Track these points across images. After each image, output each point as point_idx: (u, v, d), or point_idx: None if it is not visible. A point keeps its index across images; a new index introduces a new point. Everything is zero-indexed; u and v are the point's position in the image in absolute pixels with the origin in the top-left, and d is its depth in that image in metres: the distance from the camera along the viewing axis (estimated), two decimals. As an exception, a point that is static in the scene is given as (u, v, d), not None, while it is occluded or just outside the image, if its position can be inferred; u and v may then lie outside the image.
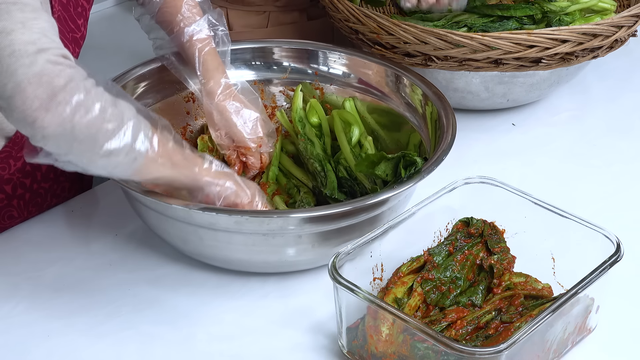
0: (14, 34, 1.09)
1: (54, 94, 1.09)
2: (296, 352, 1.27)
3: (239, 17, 1.90)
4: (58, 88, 1.09)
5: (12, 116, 1.10)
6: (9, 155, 1.46)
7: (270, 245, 1.31)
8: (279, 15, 1.91)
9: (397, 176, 1.36)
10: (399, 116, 1.56)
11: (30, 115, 1.08)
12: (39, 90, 1.08)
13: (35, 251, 1.44)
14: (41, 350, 1.27)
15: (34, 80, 1.08)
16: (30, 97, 1.08)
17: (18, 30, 1.09)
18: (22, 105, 1.08)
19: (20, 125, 1.10)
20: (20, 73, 1.08)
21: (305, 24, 1.92)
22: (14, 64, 1.08)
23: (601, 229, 1.27)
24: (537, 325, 1.13)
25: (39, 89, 1.08)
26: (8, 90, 1.08)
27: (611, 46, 1.68)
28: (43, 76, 1.08)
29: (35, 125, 1.09)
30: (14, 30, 1.09)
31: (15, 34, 1.09)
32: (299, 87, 1.58)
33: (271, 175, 1.51)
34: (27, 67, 1.08)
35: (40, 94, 1.08)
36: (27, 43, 1.09)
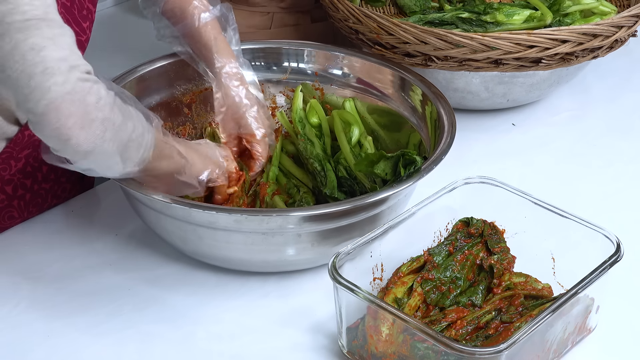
0: (46, 51, 1.11)
1: (88, 112, 1.12)
2: (296, 352, 1.27)
3: (242, 18, 1.90)
4: (91, 106, 1.12)
5: (44, 132, 1.12)
6: (10, 156, 1.46)
7: (270, 244, 1.31)
8: (283, 17, 1.91)
9: (396, 175, 1.36)
10: (398, 116, 1.56)
11: (65, 133, 1.11)
12: (73, 108, 1.11)
13: (36, 251, 1.44)
14: (41, 350, 1.27)
15: (67, 98, 1.10)
16: (65, 114, 1.10)
17: (49, 47, 1.11)
18: (56, 123, 1.11)
19: (52, 141, 1.13)
20: (54, 90, 1.10)
21: (308, 26, 1.92)
22: (48, 81, 1.10)
23: (601, 229, 1.27)
24: (537, 325, 1.13)
25: (72, 106, 1.11)
26: (41, 107, 1.10)
27: (611, 46, 1.68)
28: (76, 94, 1.11)
29: (69, 143, 1.12)
30: (45, 47, 1.11)
31: (47, 50, 1.11)
32: (298, 88, 1.59)
33: (271, 175, 1.51)
34: (60, 85, 1.10)
35: (75, 112, 1.11)
36: (59, 60, 1.11)
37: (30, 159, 1.50)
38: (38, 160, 1.51)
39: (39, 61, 1.10)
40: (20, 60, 1.10)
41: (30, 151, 1.49)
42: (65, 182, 1.58)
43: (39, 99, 1.10)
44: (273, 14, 1.91)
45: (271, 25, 1.91)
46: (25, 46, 1.11)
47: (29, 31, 1.11)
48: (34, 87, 1.10)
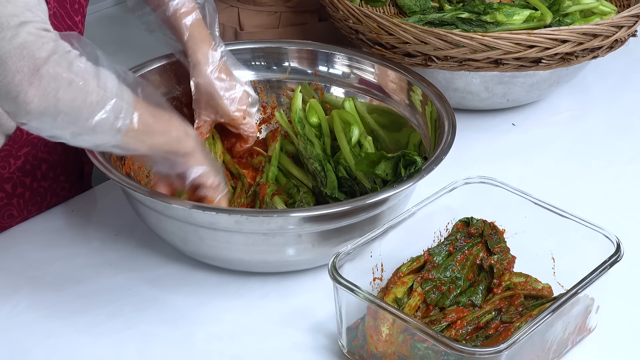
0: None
1: (37, 67, 1.06)
2: (296, 352, 1.27)
3: (250, 17, 1.91)
4: (40, 61, 1.06)
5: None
6: (9, 154, 1.46)
7: (271, 244, 1.31)
8: (290, 16, 1.91)
9: (397, 175, 1.36)
10: (398, 116, 1.56)
11: (14, 89, 1.06)
12: (21, 63, 1.06)
13: (36, 251, 1.44)
14: (41, 350, 1.27)
15: (15, 53, 1.05)
16: (12, 70, 1.05)
17: (1, 4, 1.07)
18: (3, 79, 1.06)
19: (2, 100, 1.08)
20: (1, 46, 1.06)
21: (316, 25, 1.92)
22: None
23: (601, 229, 1.27)
24: (537, 325, 1.13)
25: (20, 61, 1.06)
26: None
27: (611, 46, 1.68)
28: (25, 49, 1.06)
29: (18, 100, 1.07)
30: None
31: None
32: (298, 88, 1.58)
33: (271, 175, 1.51)
34: (8, 40, 1.06)
35: (22, 67, 1.06)
36: (10, 15, 1.07)
37: (29, 157, 1.50)
38: (37, 159, 1.51)
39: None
40: None
41: (29, 149, 1.49)
42: (64, 180, 1.59)
43: None
44: (280, 14, 1.91)
45: (279, 24, 1.91)
46: None
47: None
48: None
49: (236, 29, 1.90)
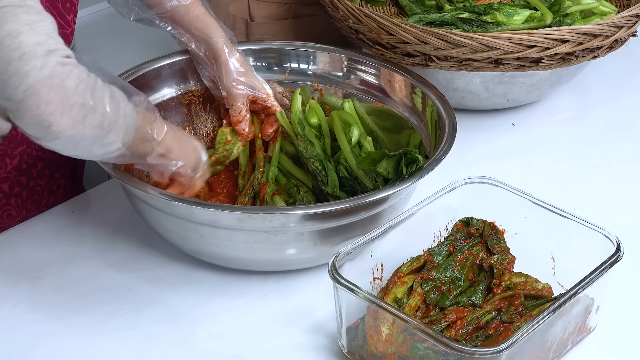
0: (22, 36, 1.09)
1: (67, 97, 1.09)
2: (296, 352, 1.27)
3: (260, 9, 1.91)
4: (70, 91, 1.10)
5: (24, 119, 1.10)
6: (5, 154, 1.46)
7: (272, 242, 1.31)
8: (299, 8, 1.92)
9: (398, 174, 1.36)
10: (398, 117, 1.56)
11: (45, 119, 1.09)
12: (52, 94, 1.08)
13: (36, 251, 1.44)
14: (41, 350, 1.27)
15: (46, 84, 1.08)
16: (45, 100, 1.08)
17: (25, 32, 1.09)
18: (36, 109, 1.08)
19: (32, 128, 1.11)
20: (32, 76, 1.08)
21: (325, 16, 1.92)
22: (26, 66, 1.08)
23: (601, 229, 1.27)
24: (537, 325, 1.13)
25: (51, 92, 1.08)
26: (20, 93, 1.08)
27: (611, 46, 1.68)
28: (54, 78, 1.09)
29: (50, 129, 1.10)
30: (21, 33, 1.09)
31: (23, 35, 1.09)
32: (297, 90, 1.58)
33: (271, 175, 1.51)
34: (38, 70, 1.08)
35: (54, 98, 1.09)
36: (36, 44, 1.09)
37: (24, 156, 1.50)
38: (32, 157, 1.51)
39: (16, 47, 1.08)
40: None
41: (24, 148, 1.49)
42: (59, 177, 1.59)
43: (17, 84, 1.08)
44: (290, 5, 1.91)
45: (289, 15, 1.91)
46: (2, 32, 1.09)
47: (5, 18, 1.09)
48: (12, 73, 1.08)
49: (247, 20, 1.91)
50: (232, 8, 1.89)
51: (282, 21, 1.91)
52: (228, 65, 1.52)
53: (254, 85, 1.53)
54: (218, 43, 1.52)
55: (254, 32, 1.90)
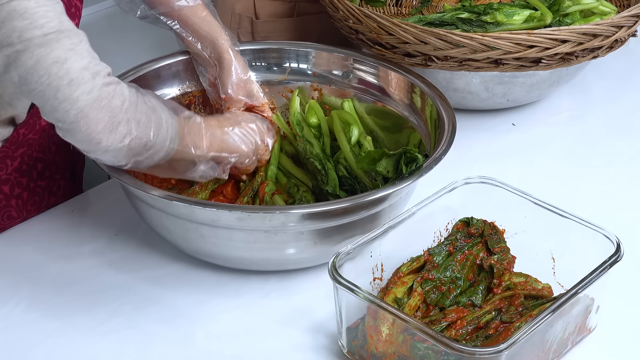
0: (68, 63, 1.15)
1: (114, 115, 1.18)
2: (296, 352, 1.27)
3: (266, 7, 1.91)
4: (117, 109, 1.18)
5: (75, 138, 1.18)
6: (6, 155, 1.46)
7: (272, 242, 1.31)
8: (305, 5, 1.92)
9: (398, 172, 1.36)
10: (398, 117, 1.56)
11: (95, 137, 1.18)
12: (101, 115, 1.17)
13: (36, 251, 1.44)
14: (41, 350, 1.27)
15: (95, 106, 1.16)
16: (94, 121, 1.16)
17: (70, 58, 1.16)
18: (87, 129, 1.17)
19: (82, 145, 1.19)
20: (82, 100, 1.15)
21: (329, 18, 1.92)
22: (75, 92, 1.15)
23: (601, 229, 1.27)
24: (537, 325, 1.13)
25: (100, 113, 1.17)
26: (71, 116, 1.16)
27: (611, 46, 1.68)
28: (102, 100, 1.17)
29: (100, 146, 1.19)
30: (67, 59, 1.15)
31: (70, 62, 1.15)
32: (295, 92, 1.59)
33: (270, 174, 1.51)
34: (87, 94, 1.16)
35: (103, 118, 1.17)
36: (83, 70, 1.16)
37: (25, 157, 1.50)
38: (33, 159, 1.52)
39: (64, 74, 1.15)
40: (45, 75, 1.15)
41: (25, 149, 1.49)
42: (59, 179, 1.59)
43: (68, 109, 1.15)
44: (296, 3, 1.91)
45: (294, 13, 1.92)
46: (49, 60, 1.15)
47: (49, 45, 1.15)
48: (62, 99, 1.15)
49: (252, 18, 1.91)
50: (237, 6, 1.90)
51: (287, 19, 1.91)
52: (231, 69, 1.53)
53: (252, 93, 1.55)
54: (223, 46, 1.53)
55: (260, 31, 1.91)
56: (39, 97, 1.17)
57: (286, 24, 1.90)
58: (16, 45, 1.15)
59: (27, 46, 1.15)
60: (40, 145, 1.51)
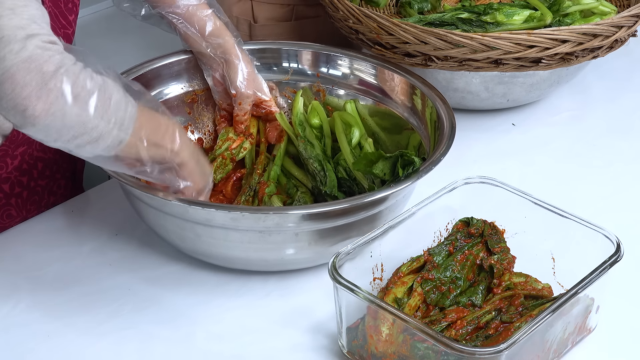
0: (3, 20, 1.07)
1: (44, 81, 1.07)
2: (296, 352, 1.27)
3: (264, 10, 1.91)
4: (48, 74, 1.07)
5: (1, 103, 1.07)
6: (6, 154, 1.46)
7: (267, 242, 1.31)
8: (303, 9, 1.92)
9: (395, 175, 1.36)
10: (398, 117, 1.56)
11: (21, 102, 1.06)
12: (29, 77, 1.06)
13: (35, 251, 1.44)
14: (41, 350, 1.27)
15: (23, 67, 1.06)
16: (20, 83, 1.06)
17: (6, 16, 1.08)
18: (11, 93, 1.06)
19: (9, 113, 1.08)
20: (9, 59, 1.06)
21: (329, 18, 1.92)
22: (3, 49, 1.06)
23: (601, 229, 1.27)
24: (537, 325, 1.13)
25: (28, 75, 1.06)
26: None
27: (611, 46, 1.68)
28: (32, 62, 1.06)
29: (26, 114, 1.07)
30: (2, 16, 1.07)
31: (3, 19, 1.07)
32: (299, 92, 1.59)
33: (272, 175, 1.51)
34: (15, 54, 1.06)
35: (30, 81, 1.06)
36: (16, 28, 1.07)
37: (25, 156, 1.50)
38: (33, 157, 1.52)
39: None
40: None
41: (25, 148, 1.49)
42: (60, 178, 1.59)
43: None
44: (294, 6, 1.91)
45: (292, 17, 1.92)
46: None
47: None
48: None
49: (250, 21, 1.91)
50: (235, 9, 1.90)
51: (285, 23, 1.91)
52: (239, 65, 1.54)
53: (260, 88, 1.55)
54: (229, 42, 1.53)
55: (257, 34, 1.91)
56: None
57: (284, 27, 1.90)
58: None
59: None
60: (41, 144, 1.51)
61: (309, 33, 1.91)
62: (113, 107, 1.14)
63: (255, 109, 1.56)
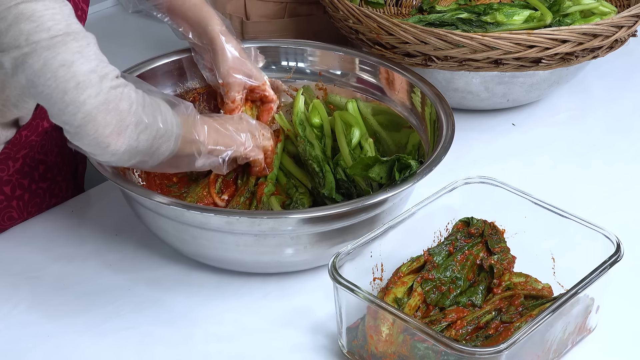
0: (75, 66, 1.15)
1: (122, 118, 1.18)
2: (296, 352, 1.27)
3: (256, 8, 1.91)
4: (125, 112, 1.18)
5: (83, 141, 1.18)
6: (8, 157, 1.46)
7: (262, 246, 1.31)
8: (296, 7, 1.92)
9: (391, 179, 1.35)
10: (398, 117, 1.56)
11: (104, 141, 1.17)
12: (109, 118, 1.16)
13: (35, 251, 1.44)
14: (41, 350, 1.27)
15: (103, 109, 1.16)
16: (102, 124, 1.16)
17: (77, 61, 1.16)
18: (94, 133, 1.16)
19: (90, 148, 1.19)
20: (89, 103, 1.15)
21: (321, 16, 1.92)
22: (81, 95, 1.15)
23: (601, 229, 1.27)
24: (537, 325, 1.13)
25: (108, 115, 1.16)
26: (78, 119, 1.15)
27: (611, 46, 1.68)
28: (110, 103, 1.16)
29: (108, 149, 1.18)
30: (74, 62, 1.15)
31: (77, 65, 1.15)
32: (300, 90, 1.58)
33: (271, 175, 1.51)
34: (94, 97, 1.15)
35: (110, 121, 1.17)
36: (90, 72, 1.16)
37: (27, 159, 1.50)
38: (35, 160, 1.52)
39: (71, 77, 1.15)
40: (52, 78, 1.15)
41: (27, 151, 1.49)
42: (61, 180, 1.59)
43: (75, 112, 1.15)
44: (286, 4, 1.91)
45: (285, 14, 1.92)
46: (55, 63, 1.15)
47: (56, 48, 1.15)
48: (69, 102, 1.15)
49: (242, 18, 1.91)
50: (229, 7, 1.90)
51: (278, 20, 1.91)
52: (225, 52, 1.52)
53: (250, 73, 1.54)
54: (214, 31, 1.52)
55: (250, 31, 1.91)
56: (47, 100, 1.16)
57: (276, 25, 1.91)
58: (24, 48, 1.15)
59: (34, 49, 1.15)
60: (43, 147, 1.51)
61: (302, 31, 1.91)
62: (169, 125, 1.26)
63: (250, 94, 1.55)
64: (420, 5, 1.91)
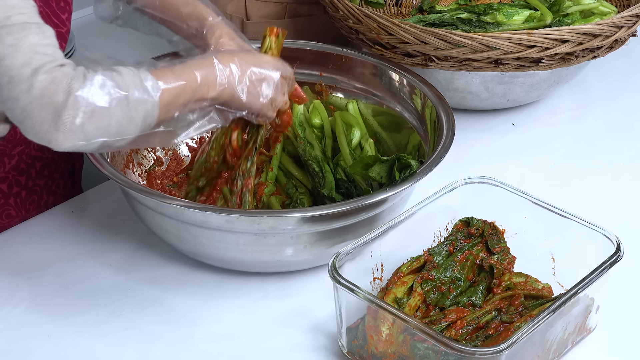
0: (7, 60, 1.10)
1: (58, 113, 1.10)
2: (296, 352, 1.27)
3: (257, 8, 1.91)
4: (60, 106, 1.10)
5: (29, 137, 1.12)
6: (4, 153, 1.46)
7: (262, 245, 1.31)
8: (296, 7, 1.92)
9: (391, 179, 1.35)
10: (398, 118, 1.56)
11: (43, 137, 1.11)
12: (43, 113, 1.09)
13: (36, 251, 1.44)
14: (41, 350, 1.27)
15: (36, 104, 1.09)
16: (38, 121, 1.10)
17: (10, 55, 1.10)
18: (32, 129, 1.10)
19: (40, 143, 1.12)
20: (22, 99, 1.09)
21: (322, 16, 1.92)
22: (14, 90, 1.09)
23: (601, 229, 1.27)
24: (537, 325, 1.13)
25: (42, 111, 1.09)
26: (17, 115, 1.10)
27: (611, 46, 1.68)
28: (43, 97, 1.09)
29: (52, 144, 1.11)
30: (6, 56, 1.10)
31: (8, 59, 1.10)
32: None
33: (270, 175, 1.51)
34: (26, 93, 1.09)
35: (46, 116, 1.09)
36: (22, 67, 1.10)
37: (23, 156, 1.50)
38: (31, 157, 1.51)
39: (3, 72, 1.10)
40: None
41: (23, 147, 1.49)
42: (58, 177, 1.59)
43: (12, 108, 1.10)
44: (287, 4, 1.91)
45: (285, 15, 1.91)
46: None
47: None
48: (5, 98, 1.10)
49: (243, 19, 1.91)
50: (229, 7, 1.90)
51: (278, 20, 1.91)
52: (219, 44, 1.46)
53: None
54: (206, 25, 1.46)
55: (250, 32, 1.91)
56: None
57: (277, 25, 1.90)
58: None
59: None
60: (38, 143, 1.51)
61: (303, 32, 1.91)
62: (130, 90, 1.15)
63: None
64: (420, 5, 1.91)
